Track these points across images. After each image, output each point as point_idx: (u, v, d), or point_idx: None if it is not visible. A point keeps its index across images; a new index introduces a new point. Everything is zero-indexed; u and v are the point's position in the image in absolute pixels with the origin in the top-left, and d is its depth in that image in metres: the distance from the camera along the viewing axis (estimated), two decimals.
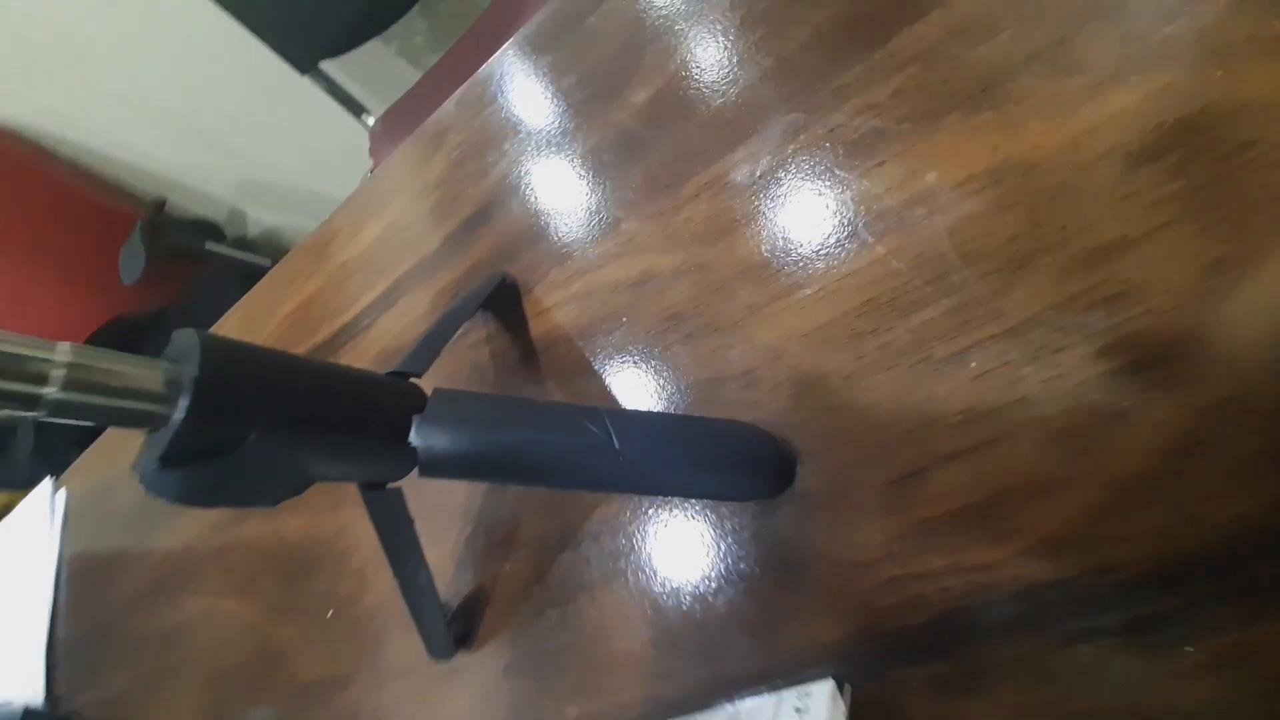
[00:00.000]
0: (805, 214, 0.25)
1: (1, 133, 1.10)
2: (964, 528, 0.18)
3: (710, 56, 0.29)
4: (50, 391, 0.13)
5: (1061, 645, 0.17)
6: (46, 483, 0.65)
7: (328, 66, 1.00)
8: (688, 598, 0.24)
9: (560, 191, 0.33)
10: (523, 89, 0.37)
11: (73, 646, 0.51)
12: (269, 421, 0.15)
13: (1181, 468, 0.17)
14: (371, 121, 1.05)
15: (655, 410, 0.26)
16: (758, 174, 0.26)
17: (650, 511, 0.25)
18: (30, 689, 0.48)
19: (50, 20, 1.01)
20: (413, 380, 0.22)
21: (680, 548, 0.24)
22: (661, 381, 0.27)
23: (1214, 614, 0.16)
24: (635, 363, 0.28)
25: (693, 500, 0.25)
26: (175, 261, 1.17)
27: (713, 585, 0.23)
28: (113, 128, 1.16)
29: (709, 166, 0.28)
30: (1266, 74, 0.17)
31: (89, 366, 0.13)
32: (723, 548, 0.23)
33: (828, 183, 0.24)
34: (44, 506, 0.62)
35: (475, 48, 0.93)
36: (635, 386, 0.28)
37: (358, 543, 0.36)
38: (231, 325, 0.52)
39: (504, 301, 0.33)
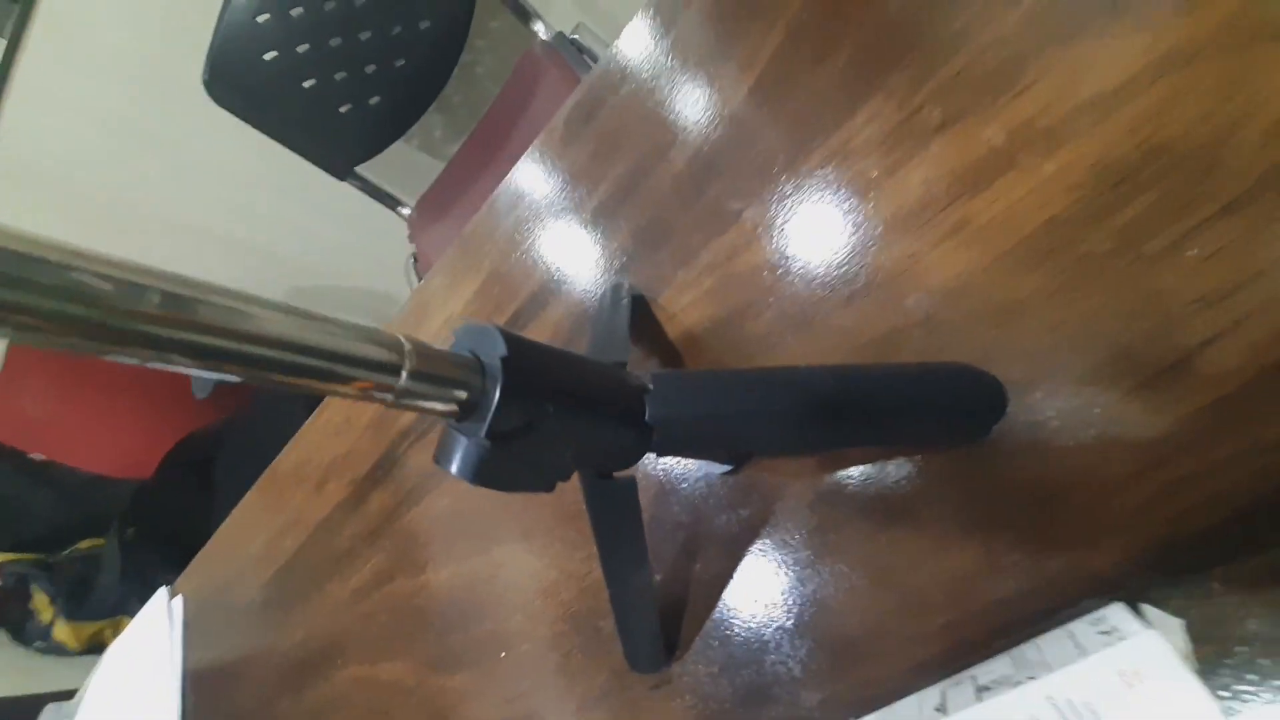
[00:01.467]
0: (952, 152, 0.25)
1: None
2: (1258, 401, 0.17)
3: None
4: (401, 380, 0.14)
5: None
6: (162, 592, 0.66)
7: (361, 169, 1.07)
8: (923, 555, 0.23)
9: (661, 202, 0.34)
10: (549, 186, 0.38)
11: None
12: (558, 402, 0.16)
13: None
14: (407, 211, 1.11)
15: (858, 364, 0.26)
16: (891, 126, 0.27)
17: (861, 476, 0.25)
18: None
19: (97, 160, 1.09)
20: None
21: (903, 509, 0.24)
22: (832, 345, 0.27)
23: None
24: (796, 334, 0.28)
25: (905, 458, 0.24)
26: None
27: (948, 540, 0.22)
28: (172, 254, 1.23)
29: (831, 135, 0.29)
30: None
31: (423, 356, 0.14)
32: (950, 500, 0.23)
33: (976, 117, 0.25)
34: (162, 615, 0.63)
35: (490, 134, 1.00)
36: (802, 357, 0.28)
37: (519, 579, 0.35)
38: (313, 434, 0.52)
39: (634, 315, 0.34)
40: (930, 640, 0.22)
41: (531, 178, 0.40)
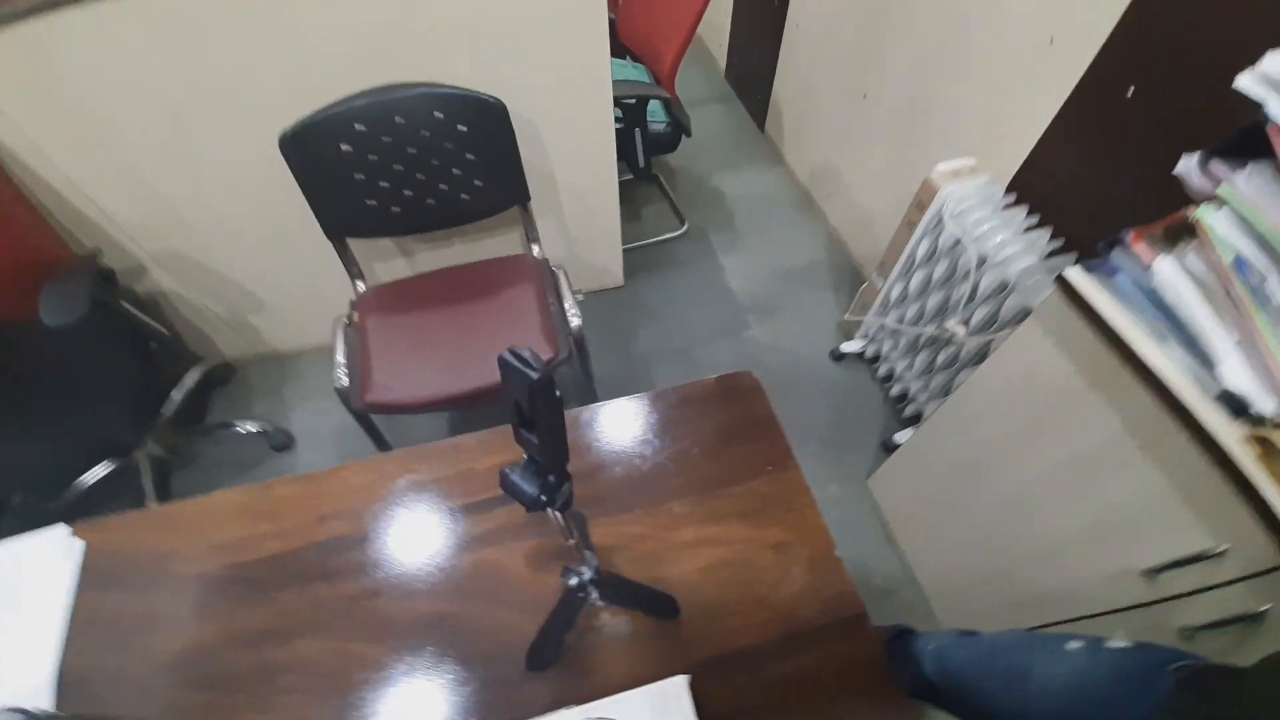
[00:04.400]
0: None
1: None
2: None
3: None
4: None
5: None
6: (62, 528, 0.66)
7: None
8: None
9: None
10: None
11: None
12: None
13: None
14: (362, 288, 1.31)
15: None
16: None
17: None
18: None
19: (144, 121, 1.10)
20: None
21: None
22: None
23: None
24: None
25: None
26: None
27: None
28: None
29: None
30: None
31: None
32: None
33: None
34: (59, 550, 0.64)
35: (460, 280, 1.32)
36: None
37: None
38: None
39: None
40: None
41: None
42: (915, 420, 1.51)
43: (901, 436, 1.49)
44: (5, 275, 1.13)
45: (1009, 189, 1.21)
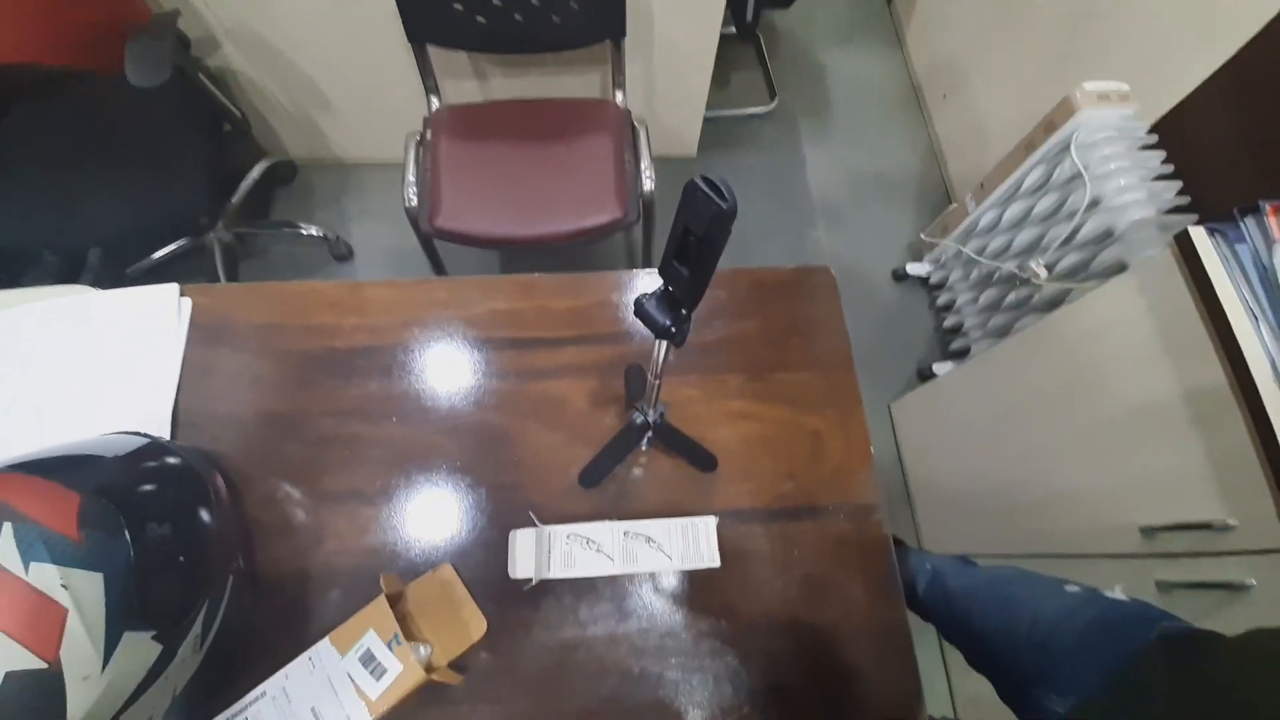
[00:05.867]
0: None
1: None
2: None
3: None
4: None
5: None
6: (173, 287, 0.70)
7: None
8: None
9: None
10: None
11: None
12: None
13: None
14: (435, 104, 1.27)
15: None
16: None
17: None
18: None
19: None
20: None
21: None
22: None
23: None
24: None
25: None
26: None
27: None
28: None
29: None
30: None
31: None
32: None
33: None
34: (171, 307, 0.69)
35: (536, 114, 1.27)
36: None
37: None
38: None
39: None
40: None
41: None
42: (960, 355, 1.50)
43: (941, 368, 1.49)
44: (91, 27, 1.11)
45: (1153, 129, 1.09)
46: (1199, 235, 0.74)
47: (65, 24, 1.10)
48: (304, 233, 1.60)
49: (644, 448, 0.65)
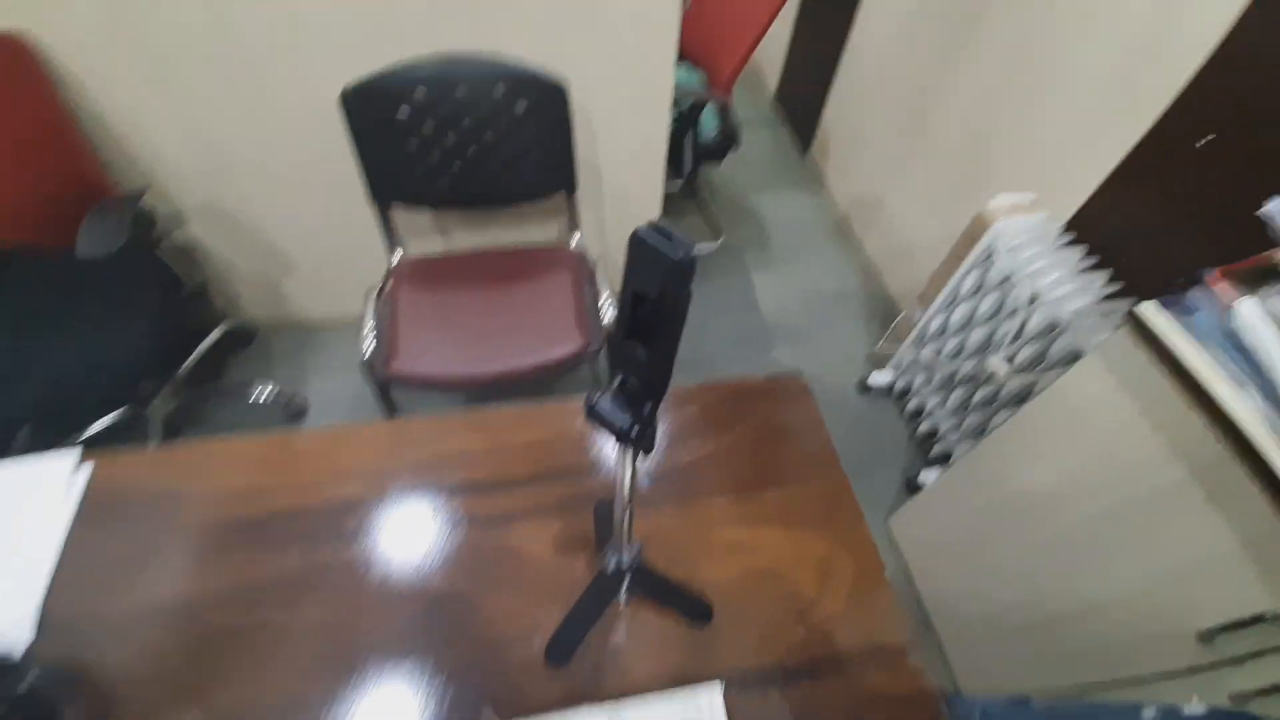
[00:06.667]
0: None
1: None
2: None
3: None
4: None
5: None
6: (76, 452, 0.64)
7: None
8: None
9: None
10: None
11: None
12: None
13: None
14: (397, 257, 1.29)
15: None
16: None
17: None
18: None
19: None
20: None
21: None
22: None
23: None
24: None
25: None
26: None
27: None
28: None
29: None
30: None
31: None
32: None
33: None
34: (64, 473, 0.62)
35: (498, 264, 1.30)
36: None
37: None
38: None
39: None
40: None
41: None
42: (943, 460, 1.46)
43: (927, 475, 1.43)
44: (49, 201, 1.12)
45: (1067, 228, 1.18)
46: (1150, 311, 0.75)
47: (23, 202, 1.11)
48: (252, 398, 1.52)
49: (622, 602, 0.54)
